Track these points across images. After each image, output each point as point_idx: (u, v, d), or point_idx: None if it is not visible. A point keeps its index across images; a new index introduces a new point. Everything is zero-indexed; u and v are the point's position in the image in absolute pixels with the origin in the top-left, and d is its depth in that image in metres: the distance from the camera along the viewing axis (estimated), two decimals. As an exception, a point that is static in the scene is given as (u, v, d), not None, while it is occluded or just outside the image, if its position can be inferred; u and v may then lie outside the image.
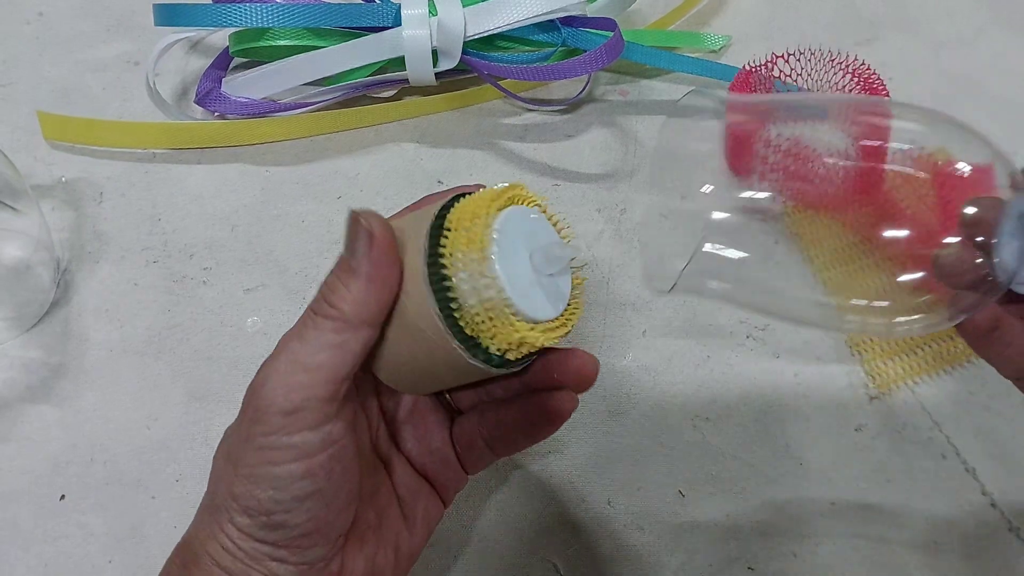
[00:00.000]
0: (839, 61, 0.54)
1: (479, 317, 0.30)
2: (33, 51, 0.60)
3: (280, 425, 0.29)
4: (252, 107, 0.55)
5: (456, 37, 0.52)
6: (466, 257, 0.30)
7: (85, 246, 0.52)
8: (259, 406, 0.30)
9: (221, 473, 0.31)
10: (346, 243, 0.31)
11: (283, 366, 0.30)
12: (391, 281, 0.31)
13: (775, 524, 0.44)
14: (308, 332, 0.30)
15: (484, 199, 0.31)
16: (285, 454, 0.30)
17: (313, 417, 0.30)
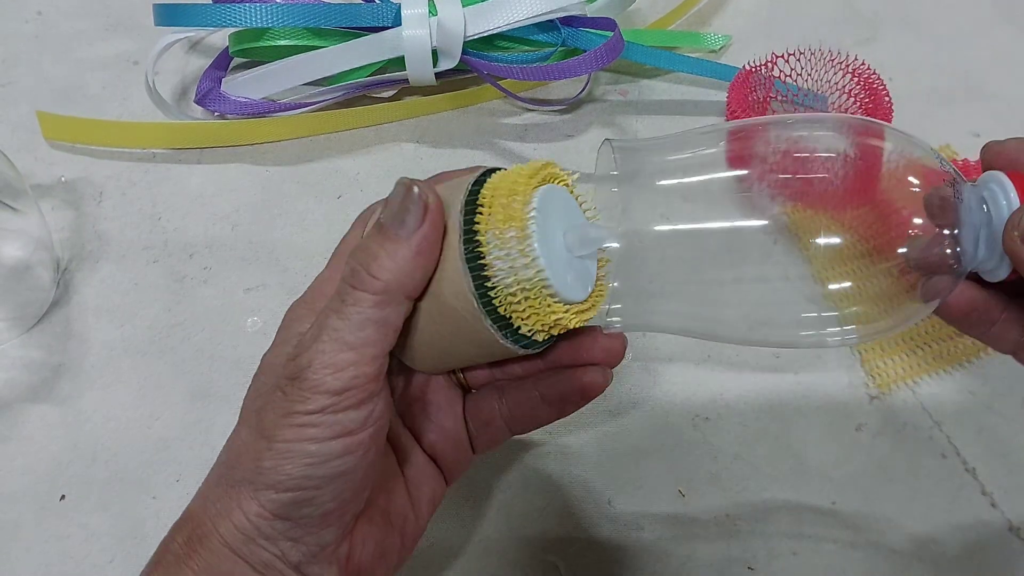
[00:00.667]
0: (839, 61, 0.54)
1: (515, 297, 0.29)
2: (33, 50, 0.60)
3: (327, 404, 0.29)
4: (252, 107, 0.55)
5: (456, 37, 0.52)
6: (503, 236, 0.29)
7: (85, 246, 0.52)
8: (304, 386, 0.29)
9: (246, 447, 0.30)
10: (393, 212, 0.30)
11: (327, 346, 0.29)
12: (436, 255, 0.30)
13: (775, 524, 0.44)
14: (348, 308, 0.29)
15: (521, 176, 0.30)
16: (328, 431, 0.29)
17: (360, 395, 0.29)
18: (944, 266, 0.31)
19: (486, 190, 0.30)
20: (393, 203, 0.30)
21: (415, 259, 0.29)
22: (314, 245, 0.52)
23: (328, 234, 0.52)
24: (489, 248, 0.29)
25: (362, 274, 0.29)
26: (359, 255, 0.30)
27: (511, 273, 0.29)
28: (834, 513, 0.44)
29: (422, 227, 0.29)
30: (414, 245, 0.29)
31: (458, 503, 0.44)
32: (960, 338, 0.48)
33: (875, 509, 0.44)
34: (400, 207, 0.30)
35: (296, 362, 0.29)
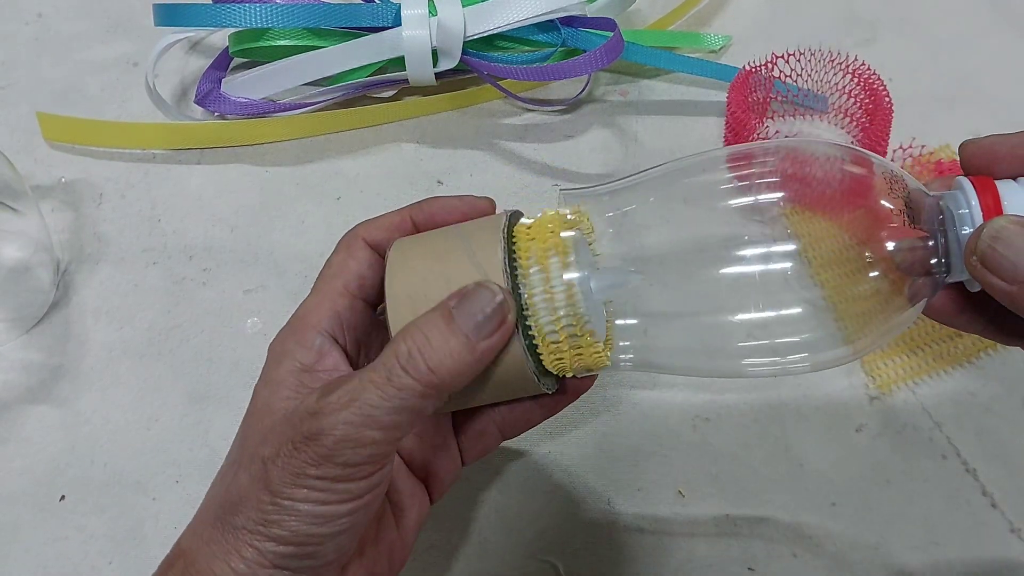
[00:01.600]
0: (839, 61, 0.54)
1: (560, 343, 0.30)
2: (32, 52, 0.60)
3: (340, 475, 0.28)
4: (252, 107, 0.55)
5: (456, 37, 0.52)
6: (552, 298, 0.30)
7: (85, 247, 0.52)
8: (321, 451, 0.28)
9: (248, 495, 0.29)
10: (470, 312, 0.29)
11: (356, 419, 0.28)
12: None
13: (775, 524, 0.44)
14: (391, 390, 0.28)
15: (552, 230, 0.31)
16: (337, 496, 0.29)
17: (374, 468, 0.29)
18: (923, 272, 0.31)
19: (520, 247, 0.31)
20: (473, 304, 0.29)
21: (474, 365, 0.29)
22: (313, 247, 0.52)
23: (328, 236, 0.52)
24: (535, 311, 0.30)
25: (419, 363, 0.28)
26: (419, 340, 0.29)
27: (558, 331, 0.30)
28: (834, 514, 0.44)
29: (492, 338, 0.29)
30: (478, 353, 0.29)
31: (457, 505, 0.44)
32: (960, 338, 0.48)
33: (875, 510, 0.44)
34: (479, 311, 0.29)
35: (317, 423, 0.28)
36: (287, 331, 0.33)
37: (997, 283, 0.28)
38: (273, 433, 0.30)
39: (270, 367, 0.32)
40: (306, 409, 0.29)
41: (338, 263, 0.34)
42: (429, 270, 0.31)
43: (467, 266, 0.30)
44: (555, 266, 0.30)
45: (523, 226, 0.31)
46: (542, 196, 0.54)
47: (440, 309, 0.30)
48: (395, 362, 0.29)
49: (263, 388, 0.32)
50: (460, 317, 0.29)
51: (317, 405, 0.29)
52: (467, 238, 0.31)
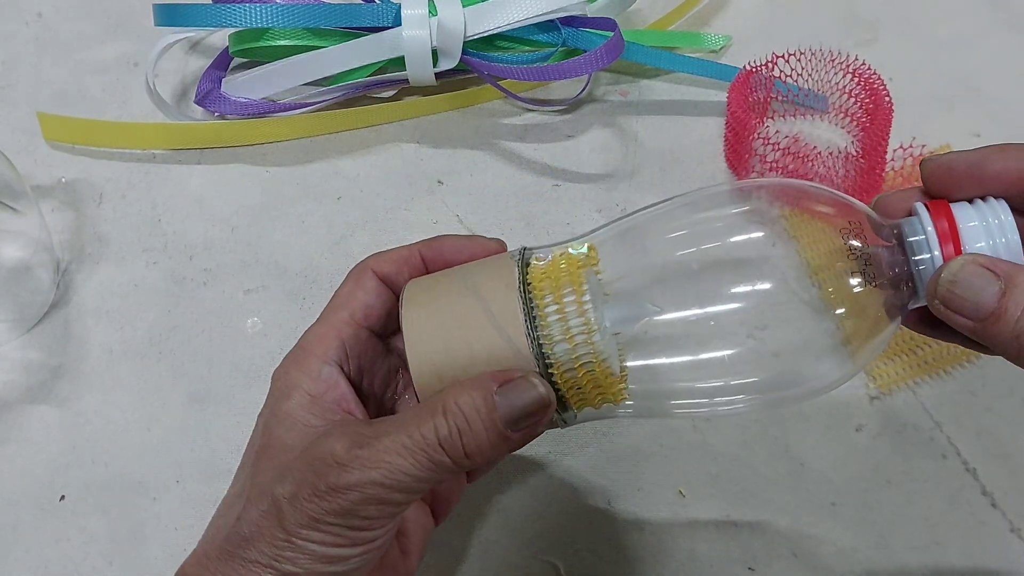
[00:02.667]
0: (839, 61, 0.54)
1: (584, 386, 0.31)
2: (33, 52, 0.60)
3: (359, 524, 0.29)
4: (252, 107, 0.55)
5: (456, 37, 0.52)
6: (572, 345, 0.30)
7: (85, 247, 0.52)
8: (343, 504, 0.29)
9: (261, 531, 0.29)
10: (510, 400, 0.29)
11: (383, 480, 0.28)
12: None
13: (775, 524, 0.44)
14: (424, 459, 0.29)
15: (569, 276, 0.31)
16: (351, 540, 0.29)
17: (391, 520, 0.30)
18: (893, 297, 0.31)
19: (535, 287, 0.31)
20: (517, 397, 0.30)
21: (507, 451, 0.30)
22: (314, 247, 0.52)
23: (328, 235, 0.52)
24: (558, 359, 0.30)
25: (458, 447, 0.29)
26: (460, 423, 0.29)
27: (576, 361, 0.30)
28: (834, 514, 0.44)
29: (528, 432, 0.30)
30: (514, 443, 0.30)
31: (458, 505, 0.44)
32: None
33: (875, 510, 0.44)
34: (521, 408, 0.30)
35: (345, 478, 0.29)
36: (292, 360, 0.33)
37: (961, 321, 0.28)
38: (291, 473, 0.30)
39: (278, 398, 0.32)
40: (332, 457, 0.29)
41: (346, 294, 0.34)
42: (451, 335, 0.31)
43: (490, 332, 0.31)
44: (572, 308, 0.30)
45: (537, 270, 0.32)
46: (542, 196, 0.54)
47: (482, 392, 0.30)
48: (435, 438, 0.29)
49: (274, 421, 0.32)
50: (503, 407, 0.29)
51: (346, 457, 0.29)
52: (482, 296, 0.31)
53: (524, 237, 0.52)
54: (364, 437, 0.29)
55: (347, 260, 0.51)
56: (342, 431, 0.30)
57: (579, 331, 0.30)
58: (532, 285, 0.31)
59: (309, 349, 0.33)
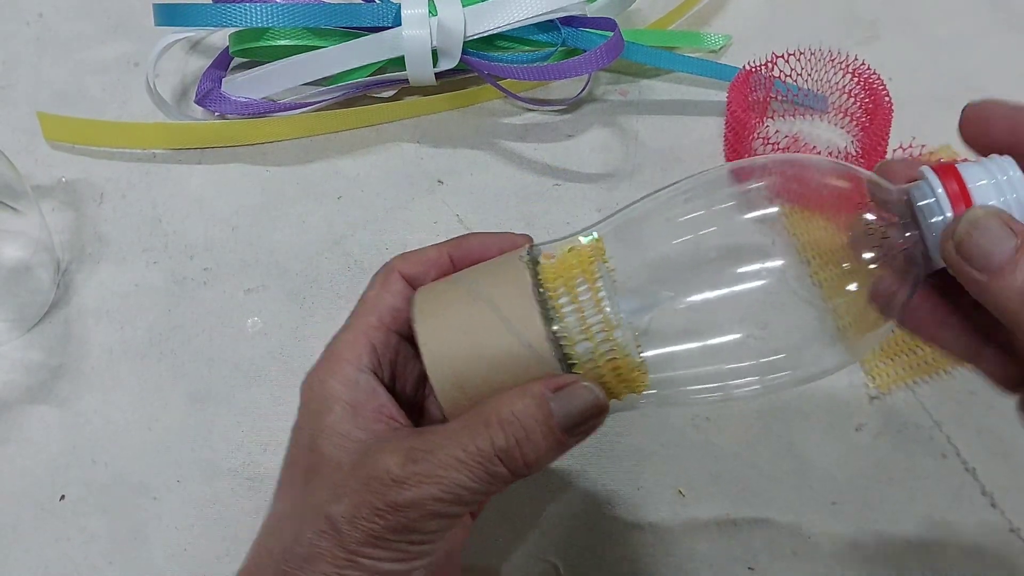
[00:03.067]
0: (839, 61, 0.54)
1: (606, 377, 0.31)
2: (33, 52, 0.60)
3: (418, 539, 0.29)
4: (252, 107, 0.55)
5: (456, 37, 0.52)
6: (595, 343, 0.30)
7: (85, 247, 0.52)
8: (403, 522, 0.29)
9: (319, 551, 0.29)
10: (565, 407, 0.30)
11: (444, 495, 0.29)
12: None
13: (775, 524, 0.44)
14: (482, 473, 0.29)
15: (581, 270, 0.31)
16: (412, 555, 0.29)
17: (449, 531, 0.30)
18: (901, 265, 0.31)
19: (547, 282, 0.31)
20: (572, 403, 0.30)
21: (562, 454, 0.30)
22: (314, 246, 0.52)
23: (328, 235, 0.52)
24: (574, 341, 0.30)
25: (517, 458, 0.29)
26: (518, 434, 0.29)
27: (600, 357, 0.30)
28: (834, 513, 0.44)
29: (586, 435, 0.30)
30: (569, 447, 0.30)
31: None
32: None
33: (875, 509, 0.44)
34: (579, 413, 0.30)
35: (404, 495, 0.29)
36: (325, 370, 0.32)
37: (968, 271, 0.27)
38: (346, 492, 0.30)
39: (318, 412, 0.32)
40: (388, 474, 0.29)
41: (372, 297, 0.34)
42: (469, 346, 0.31)
43: (508, 339, 0.30)
44: (589, 303, 0.30)
45: (548, 269, 0.31)
46: (542, 196, 0.54)
47: (537, 400, 0.30)
48: (491, 450, 0.29)
49: (319, 437, 0.31)
50: (560, 414, 0.29)
51: (402, 473, 0.29)
52: (496, 302, 0.31)
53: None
54: (417, 452, 0.29)
55: (347, 260, 0.51)
56: (393, 446, 0.30)
57: (599, 327, 0.30)
58: (545, 284, 0.31)
59: (341, 357, 0.33)
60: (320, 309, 0.50)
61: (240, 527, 0.44)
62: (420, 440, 0.30)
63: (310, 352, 0.48)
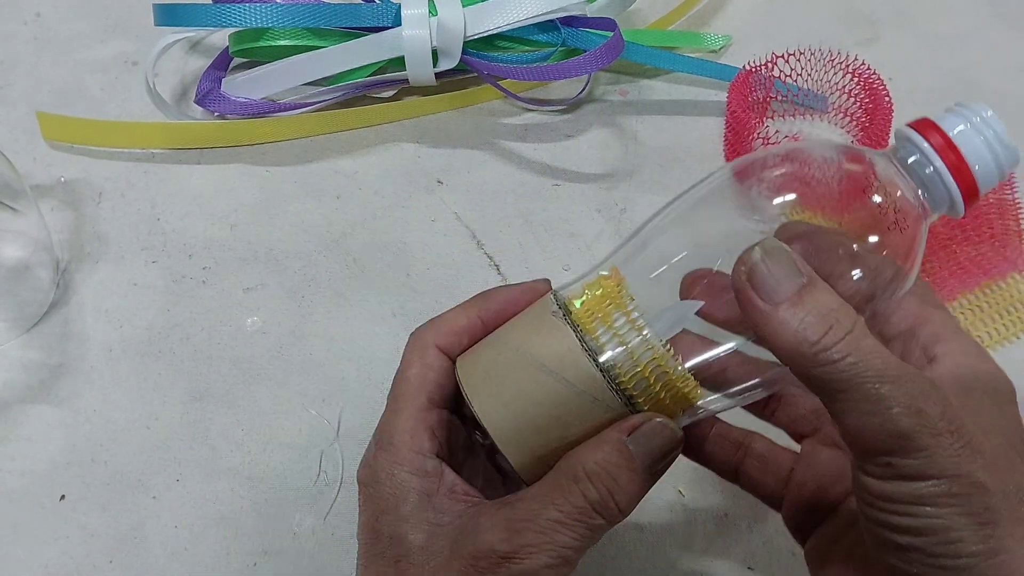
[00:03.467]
0: (839, 61, 0.54)
1: (666, 406, 0.31)
2: (32, 52, 0.60)
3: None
4: (252, 107, 0.55)
5: (456, 37, 0.52)
6: (648, 373, 0.31)
7: (84, 246, 0.52)
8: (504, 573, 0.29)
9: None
10: (645, 446, 0.30)
11: (552, 560, 0.29)
12: None
13: (775, 524, 0.44)
14: (583, 529, 0.30)
15: (614, 305, 0.31)
16: None
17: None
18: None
19: (585, 325, 0.31)
20: (651, 441, 0.30)
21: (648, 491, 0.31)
22: (313, 245, 0.52)
23: (327, 234, 0.52)
24: (632, 380, 0.30)
25: (612, 507, 0.30)
26: (609, 484, 0.30)
27: (655, 385, 0.31)
28: (834, 513, 0.44)
29: (667, 468, 0.31)
30: (654, 482, 0.31)
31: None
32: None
33: (875, 509, 0.44)
34: (658, 450, 0.30)
35: (515, 568, 0.29)
36: (390, 460, 0.32)
37: (753, 297, 0.28)
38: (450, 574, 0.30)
39: (394, 504, 0.32)
40: (495, 553, 0.29)
41: (417, 376, 0.33)
42: (538, 418, 0.31)
43: (576, 401, 0.31)
44: (633, 336, 0.31)
45: (583, 314, 0.31)
46: (541, 195, 0.54)
47: (615, 446, 0.30)
48: (587, 505, 0.29)
49: (403, 526, 0.31)
50: (640, 455, 0.30)
51: (509, 548, 0.29)
52: (550, 367, 0.31)
53: (523, 235, 0.52)
54: (516, 523, 0.30)
55: (346, 258, 0.51)
56: (489, 522, 0.30)
57: (643, 350, 0.30)
58: (583, 328, 0.31)
59: (404, 445, 0.32)
60: (319, 308, 0.50)
61: (240, 526, 0.44)
62: (513, 511, 0.30)
63: (309, 350, 0.48)
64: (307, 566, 0.43)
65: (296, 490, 0.45)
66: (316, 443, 0.46)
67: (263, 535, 0.43)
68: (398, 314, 0.50)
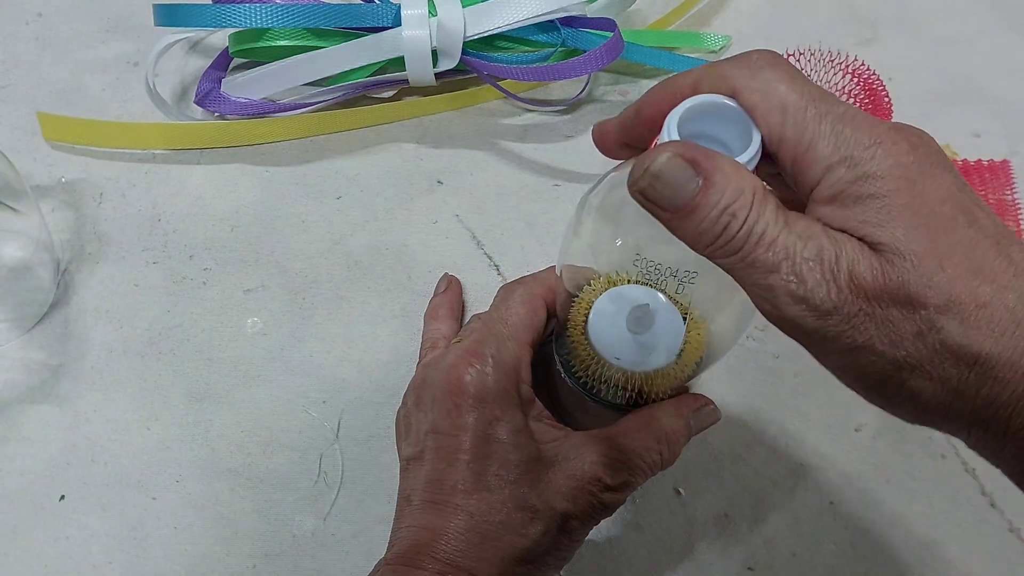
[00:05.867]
0: (839, 61, 0.54)
1: (594, 378, 0.39)
2: (33, 52, 0.60)
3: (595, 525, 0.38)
4: (252, 107, 0.55)
5: (456, 37, 0.52)
6: (580, 348, 0.39)
7: (85, 247, 0.52)
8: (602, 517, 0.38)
9: (550, 537, 0.36)
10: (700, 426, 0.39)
11: (629, 495, 0.38)
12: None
13: (775, 524, 0.44)
14: (647, 477, 0.38)
15: (580, 309, 0.38)
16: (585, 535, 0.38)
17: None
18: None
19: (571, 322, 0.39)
20: (704, 420, 0.40)
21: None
22: (314, 246, 0.52)
23: (328, 235, 0.52)
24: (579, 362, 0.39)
25: (668, 464, 0.38)
26: (676, 448, 0.38)
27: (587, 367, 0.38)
28: (833, 513, 0.44)
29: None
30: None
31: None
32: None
33: (874, 509, 0.44)
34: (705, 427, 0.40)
35: (614, 498, 0.37)
36: (504, 377, 0.38)
37: (655, 210, 0.28)
38: (569, 492, 0.36)
39: (513, 409, 0.37)
40: (602, 482, 0.36)
41: (528, 315, 0.40)
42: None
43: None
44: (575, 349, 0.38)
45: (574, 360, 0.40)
46: (542, 196, 0.54)
47: (685, 422, 0.39)
48: (660, 462, 0.38)
49: (519, 436, 0.37)
50: (696, 430, 0.39)
51: (613, 482, 0.37)
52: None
53: (524, 237, 0.52)
54: (616, 463, 0.37)
55: (347, 260, 0.51)
56: (594, 452, 0.37)
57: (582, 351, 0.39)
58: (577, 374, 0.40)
59: (515, 371, 0.38)
60: (320, 309, 0.50)
61: (239, 527, 0.44)
62: (611, 449, 0.37)
63: (309, 352, 0.48)
64: (307, 568, 0.43)
65: (296, 492, 0.45)
66: (316, 445, 0.46)
67: (263, 536, 0.43)
68: (399, 316, 0.50)
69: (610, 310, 0.38)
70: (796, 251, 0.26)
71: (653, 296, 0.38)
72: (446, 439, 0.36)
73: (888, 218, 0.26)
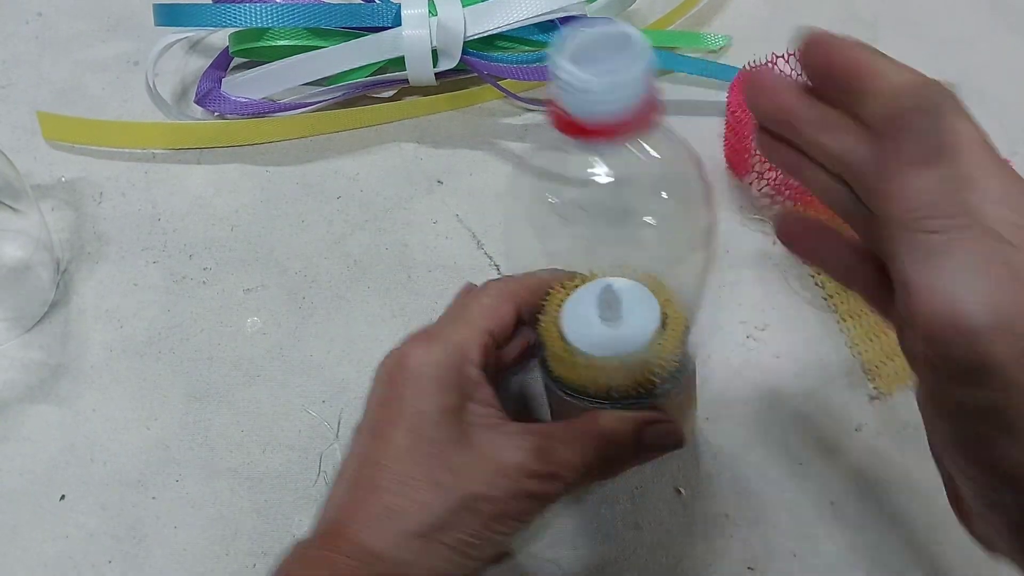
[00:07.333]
0: (839, 61, 0.54)
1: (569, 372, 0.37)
2: (33, 51, 0.60)
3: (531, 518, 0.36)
4: (252, 107, 0.55)
5: (456, 37, 0.52)
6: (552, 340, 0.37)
7: (85, 246, 0.52)
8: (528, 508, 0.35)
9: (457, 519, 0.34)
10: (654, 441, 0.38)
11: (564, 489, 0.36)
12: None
13: (775, 524, 0.44)
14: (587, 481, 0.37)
15: (551, 306, 0.37)
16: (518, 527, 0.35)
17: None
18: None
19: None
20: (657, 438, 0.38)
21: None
22: (313, 246, 0.52)
23: (328, 234, 0.52)
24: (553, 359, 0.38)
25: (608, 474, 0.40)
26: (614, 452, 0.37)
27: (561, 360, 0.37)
28: (833, 513, 0.44)
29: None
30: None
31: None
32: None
33: (874, 509, 0.44)
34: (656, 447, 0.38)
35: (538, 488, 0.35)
36: (444, 356, 0.36)
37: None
38: (487, 476, 0.35)
39: (459, 391, 0.36)
40: (524, 468, 0.35)
41: (490, 307, 0.38)
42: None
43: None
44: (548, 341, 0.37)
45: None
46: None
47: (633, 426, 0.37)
48: (596, 463, 0.36)
49: (445, 415, 0.35)
50: (649, 441, 0.38)
51: (537, 468, 0.35)
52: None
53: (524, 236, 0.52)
54: (544, 452, 0.35)
55: (347, 259, 0.51)
56: (522, 441, 0.35)
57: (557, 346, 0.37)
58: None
59: (460, 349, 0.37)
60: (319, 309, 0.50)
61: (239, 526, 0.44)
62: (541, 439, 0.35)
63: (309, 351, 0.48)
64: (307, 566, 0.43)
65: (296, 491, 0.45)
66: (316, 444, 0.46)
67: (262, 536, 0.43)
68: (399, 315, 0.50)
69: (581, 306, 0.37)
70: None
71: (619, 281, 0.37)
72: (379, 412, 0.36)
73: None
